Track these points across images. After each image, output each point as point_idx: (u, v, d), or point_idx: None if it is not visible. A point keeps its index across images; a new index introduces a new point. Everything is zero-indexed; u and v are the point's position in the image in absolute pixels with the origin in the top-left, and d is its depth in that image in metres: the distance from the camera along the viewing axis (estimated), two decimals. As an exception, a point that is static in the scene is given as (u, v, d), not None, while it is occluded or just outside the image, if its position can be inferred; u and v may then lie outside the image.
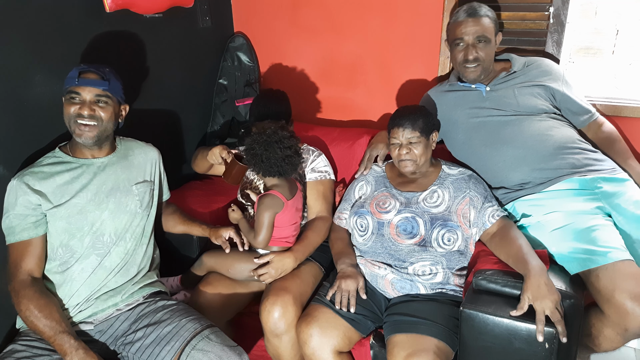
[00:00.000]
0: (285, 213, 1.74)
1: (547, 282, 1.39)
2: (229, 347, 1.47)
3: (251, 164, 1.71)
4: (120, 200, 1.63)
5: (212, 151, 1.83)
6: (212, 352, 1.44)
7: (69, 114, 1.54)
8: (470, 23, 1.82)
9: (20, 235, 1.49)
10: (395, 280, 1.69)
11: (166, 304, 1.62)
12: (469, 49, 1.83)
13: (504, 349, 1.38)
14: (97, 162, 1.63)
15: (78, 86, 1.53)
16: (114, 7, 1.80)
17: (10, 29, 1.56)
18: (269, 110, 1.94)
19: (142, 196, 1.69)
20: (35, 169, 1.54)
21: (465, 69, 1.87)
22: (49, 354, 1.44)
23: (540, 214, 1.67)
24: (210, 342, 1.46)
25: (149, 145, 1.81)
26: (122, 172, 1.67)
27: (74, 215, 1.54)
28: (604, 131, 1.85)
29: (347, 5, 2.35)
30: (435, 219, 1.69)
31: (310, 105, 2.58)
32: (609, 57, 2.20)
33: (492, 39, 1.84)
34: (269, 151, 1.66)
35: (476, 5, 1.85)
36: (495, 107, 1.85)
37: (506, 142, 1.79)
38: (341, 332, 1.61)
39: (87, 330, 1.56)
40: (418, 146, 1.73)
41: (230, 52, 2.57)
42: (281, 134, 1.67)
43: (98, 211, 1.58)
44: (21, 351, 1.43)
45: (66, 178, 1.56)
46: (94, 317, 1.57)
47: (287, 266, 1.77)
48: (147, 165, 1.76)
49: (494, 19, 1.86)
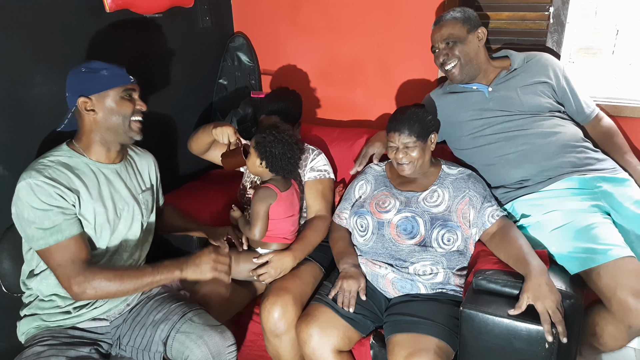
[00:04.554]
0: (280, 204, 1.77)
1: (548, 282, 1.39)
2: (211, 326, 1.50)
3: (264, 157, 1.75)
4: (133, 209, 1.61)
5: (222, 128, 1.74)
6: (194, 333, 1.47)
7: (126, 111, 1.50)
8: (436, 30, 1.90)
9: (70, 230, 1.40)
10: (395, 280, 1.69)
11: (159, 290, 1.67)
12: (440, 52, 1.88)
13: (504, 349, 1.38)
14: (111, 167, 1.58)
15: (133, 83, 1.53)
16: (114, 7, 1.80)
17: (10, 29, 1.56)
18: (282, 108, 1.97)
19: (146, 204, 1.68)
20: (54, 166, 1.43)
21: (446, 72, 1.91)
22: (74, 348, 1.45)
23: (539, 214, 1.67)
24: (192, 323, 1.50)
25: (146, 152, 1.79)
26: (131, 180, 1.64)
27: (100, 225, 1.50)
28: (603, 125, 1.86)
29: (347, 5, 2.35)
30: (435, 218, 1.70)
31: (310, 105, 2.58)
32: (609, 57, 2.20)
33: (463, 36, 1.84)
34: (288, 151, 1.74)
35: (445, 12, 1.89)
36: (500, 108, 1.85)
37: (511, 139, 1.79)
38: (341, 331, 1.61)
39: (103, 327, 1.57)
40: (414, 150, 1.74)
41: (230, 52, 2.57)
42: (298, 137, 1.79)
43: (117, 220, 1.56)
44: (45, 351, 1.42)
45: (89, 183, 1.49)
46: (108, 313, 1.57)
47: (287, 265, 1.77)
48: (149, 172, 1.75)
49: (466, 18, 1.85)
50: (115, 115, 1.49)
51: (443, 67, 1.89)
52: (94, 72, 1.48)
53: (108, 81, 1.48)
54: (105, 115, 1.49)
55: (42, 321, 1.50)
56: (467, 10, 1.88)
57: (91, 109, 1.48)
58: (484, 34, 1.87)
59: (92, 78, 1.47)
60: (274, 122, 1.92)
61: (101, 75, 1.47)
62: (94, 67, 1.49)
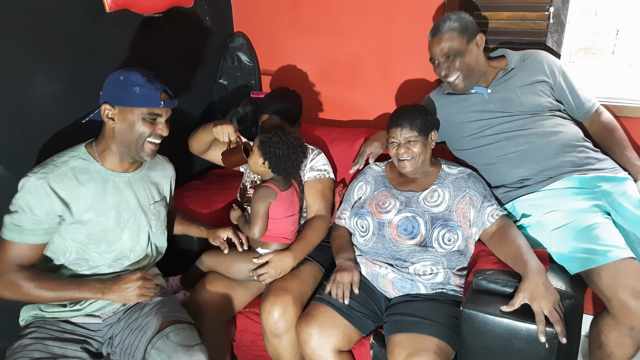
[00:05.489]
0: (280, 204, 1.77)
1: (545, 282, 1.39)
2: (183, 346, 1.43)
3: (267, 158, 1.75)
4: (141, 220, 1.61)
5: (222, 126, 1.75)
6: (165, 353, 1.42)
7: (144, 133, 1.51)
8: (434, 43, 1.85)
9: (27, 238, 1.44)
10: (396, 280, 1.69)
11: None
12: (441, 66, 1.86)
13: (504, 349, 1.38)
14: (124, 176, 1.58)
15: (162, 108, 1.52)
16: (114, 7, 1.80)
17: (11, 29, 1.56)
18: (282, 108, 1.97)
19: (158, 215, 1.68)
20: (61, 170, 1.47)
21: (449, 84, 1.89)
22: (60, 344, 1.44)
23: (540, 214, 1.67)
24: (166, 341, 1.45)
25: (167, 161, 1.78)
26: (144, 190, 1.64)
27: (95, 234, 1.51)
28: (603, 120, 1.85)
29: (347, 5, 2.35)
30: (436, 218, 1.70)
31: (310, 105, 2.58)
32: (609, 57, 2.20)
33: (463, 48, 1.81)
34: (292, 154, 1.75)
35: (441, 22, 1.84)
36: (500, 109, 1.84)
37: (511, 139, 1.79)
38: (341, 331, 1.61)
39: (95, 324, 1.56)
40: (416, 145, 1.74)
41: (230, 52, 2.57)
42: (302, 140, 1.81)
43: (119, 230, 1.56)
44: (31, 344, 1.42)
45: (92, 191, 1.50)
46: (102, 310, 1.57)
47: (287, 265, 1.77)
48: (165, 183, 1.75)
49: (463, 27, 1.81)
50: (132, 132, 1.50)
51: (445, 79, 1.88)
52: (128, 85, 1.48)
53: (137, 99, 1.48)
54: (123, 128, 1.50)
55: (39, 310, 1.52)
56: (463, 17, 1.83)
57: (112, 118, 1.50)
58: (482, 40, 1.86)
59: (123, 89, 1.48)
60: (276, 122, 1.93)
61: (132, 91, 1.47)
62: (132, 79, 1.48)
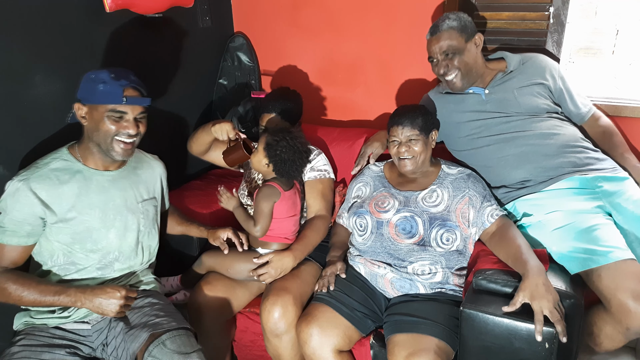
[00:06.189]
0: (283, 203, 1.78)
1: (545, 282, 1.39)
2: (180, 354, 1.41)
3: (272, 160, 1.75)
4: (127, 219, 1.60)
5: (220, 125, 1.74)
6: None
7: (109, 131, 1.48)
8: (433, 41, 1.86)
9: (9, 239, 1.44)
10: (394, 280, 1.69)
11: (150, 301, 1.60)
12: (440, 64, 1.86)
13: (504, 348, 1.38)
14: (107, 175, 1.57)
15: (125, 105, 1.48)
16: (114, 7, 1.80)
17: (11, 29, 1.56)
18: (282, 107, 1.97)
19: (146, 214, 1.67)
20: (42, 172, 1.47)
21: (447, 82, 1.90)
22: (49, 349, 1.44)
23: (541, 214, 1.67)
24: (163, 349, 1.42)
25: (156, 159, 1.77)
26: (130, 188, 1.63)
27: (79, 233, 1.51)
28: (601, 125, 1.86)
29: (347, 5, 2.35)
30: (434, 218, 1.70)
31: (310, 105, 2.56)
32: (609, 57, 2.20)
33: (462, 46, 1.81)
34: (297, 159, 1.75)
35: (440, 20, 1.85)
36: (497, 109, 1.85)
37: (509, 140, 1.79)
38: (341, 331, 1.61)
39: (85, 329, 1.54)
40: (417, 144, 1.74)
41: (230, 52, 2.57)
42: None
43: (104, 229, 1.55)
44: (19, 352, 1.42)
45: (75, 190, 1.50)
46: (90, 317, 1.55)
47: (287, 265, 1.77)
48: (154, 181, 1.73)
49: (462, 26, 1.82)
50: (98, 131, 1.49)
51: (443, 77, 1.88)
52: (94, 82, 1.47)
53: (100, 96, 1.47)
54: (92, 126, 1.50)
55: (30, 317, 1.52)
56: (462, 17, 1.84)
57: (84, 117, 1.50)
58: (480, 39, 1.86)
59: (90, 87, 1.48)
60: (280, 123, 1.93)
61: (96, 88, 1.47)
62: (99, 77, 1.48)
